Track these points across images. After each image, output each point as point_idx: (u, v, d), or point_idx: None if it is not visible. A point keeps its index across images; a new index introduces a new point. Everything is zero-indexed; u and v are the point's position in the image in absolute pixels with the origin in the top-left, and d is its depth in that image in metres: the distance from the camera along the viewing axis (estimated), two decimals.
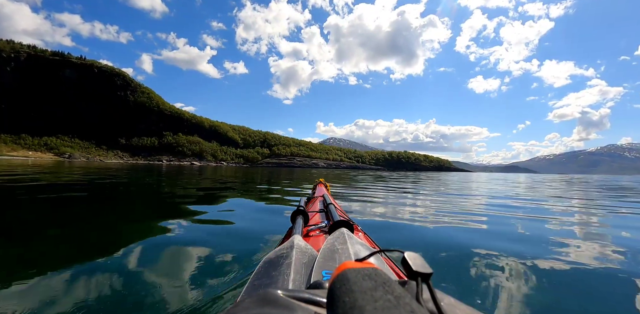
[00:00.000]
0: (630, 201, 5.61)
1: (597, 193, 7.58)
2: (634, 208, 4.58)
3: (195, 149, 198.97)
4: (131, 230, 2.46)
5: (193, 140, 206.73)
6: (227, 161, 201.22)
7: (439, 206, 4.41)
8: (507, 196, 6.02)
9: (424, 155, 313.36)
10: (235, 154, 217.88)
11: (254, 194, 5.47)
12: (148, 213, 3.31)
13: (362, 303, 0.21)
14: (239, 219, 2.94)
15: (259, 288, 0.55)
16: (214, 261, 1.73)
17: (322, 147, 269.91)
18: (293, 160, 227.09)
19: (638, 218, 3.69)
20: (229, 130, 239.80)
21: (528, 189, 8.58)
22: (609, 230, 2.93)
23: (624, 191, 8.82)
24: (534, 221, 3.26)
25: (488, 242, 2.29)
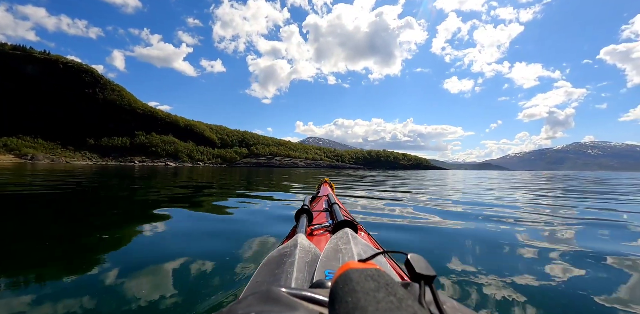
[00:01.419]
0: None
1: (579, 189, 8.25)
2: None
3: (169, 149, 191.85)
4: (108, 239, 2.25)
5: (167, 139, 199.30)
6: (204, 162, 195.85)
7: (436, 206, 4.36)
8: (515, 199, 5.76)
9: (403, 154, 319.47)
10: (213, 154, 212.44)
11: (230, 196, 5.09)
12: (116, 219, 3.14)
13: (365, 304, 0.21)
14: (217, 221, 2.93)
15: (262, 285, 0.55)
16: (210, 263, 1.70)
17: (301, 147, 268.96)
18: (272, 159, 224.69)
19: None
20: (205, 129, 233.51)
21: (521, 188, 8.50)
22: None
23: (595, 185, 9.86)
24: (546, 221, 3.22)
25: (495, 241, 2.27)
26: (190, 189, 6.43)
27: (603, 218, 3.45)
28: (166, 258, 1.77)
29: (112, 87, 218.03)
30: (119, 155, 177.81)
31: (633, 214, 3.82)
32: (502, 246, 2.15)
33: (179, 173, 18.50)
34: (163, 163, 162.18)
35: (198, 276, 1.51)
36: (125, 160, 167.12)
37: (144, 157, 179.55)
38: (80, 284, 1.38)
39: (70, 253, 1.90)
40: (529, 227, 2.90)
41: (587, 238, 2.43)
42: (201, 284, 1.41)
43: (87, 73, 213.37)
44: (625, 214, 3.81)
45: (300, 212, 1.17)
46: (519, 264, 1.77)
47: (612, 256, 1.91)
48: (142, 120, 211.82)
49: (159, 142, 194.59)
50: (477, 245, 2.22)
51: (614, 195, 6.60)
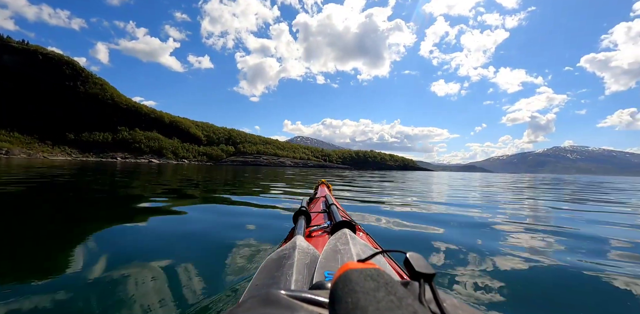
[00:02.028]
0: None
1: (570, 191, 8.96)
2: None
3: (154, 146, 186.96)
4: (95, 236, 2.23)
5: (152, 136, 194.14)
6: (189, 159, 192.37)
7: (432, 207, 4.52)
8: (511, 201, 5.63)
9: (390, 155, 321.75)
10: (198, 151, 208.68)
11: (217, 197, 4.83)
12: (99, 215, 3.16)
13: (365, 304, 0.21)
14: (204, 222, 2.87)
15: (261, 288, 0.54)
16: (209, 266, 1.68)
17: (289, 145, 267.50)
18: (259, 158, 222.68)
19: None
20: (191, 126, 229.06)
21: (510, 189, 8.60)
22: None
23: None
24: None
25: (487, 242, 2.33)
26: (180, 186, 6.12)
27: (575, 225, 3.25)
28: (162, 261, 1.75)
29: (94, 81, 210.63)
30: (100, 151, 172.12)
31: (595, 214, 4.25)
32: (501, 245, 2.17)
33: (163, 170, 18.01)
34: (146, 159, 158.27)
35: (197, 280, 1.48)
36: (107, 156, 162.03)
37: (127, 154, 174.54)
38: (65, 289, 1.33)
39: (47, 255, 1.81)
40: (523, 227, 3.04)
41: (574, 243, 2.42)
42: (200, 288, 1.39)
43: (68, 65, 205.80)
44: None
45: (298, 214, 1.17)
46: (516, 262, 1.80)
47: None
48: (125, 115, 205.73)
49: (143, 138, 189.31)
50: (475, 245, 2.22)
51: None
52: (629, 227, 3.24)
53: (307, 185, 8.61)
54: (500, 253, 2.01)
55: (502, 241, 2.37)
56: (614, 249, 2.29)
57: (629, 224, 3.45)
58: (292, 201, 4.60)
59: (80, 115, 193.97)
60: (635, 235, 2.85)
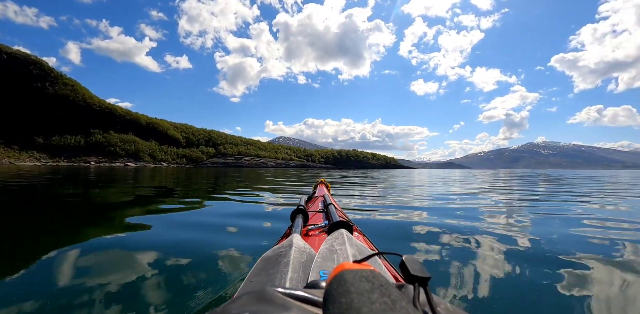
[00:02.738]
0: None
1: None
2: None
3: (130, 149, 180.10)
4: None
5: (127, 138, 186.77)
6: (168, 162, 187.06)
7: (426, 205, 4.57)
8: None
9: (372, 153, 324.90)
10: (177, 154, 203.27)
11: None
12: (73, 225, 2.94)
13: (359, 305, 0.21)
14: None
15: (256, 285, 0.54)
16: (204, 262, 1.70)
17: (271, 146, 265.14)
18: (241, 159, 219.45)
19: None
20: (169, 127, 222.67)
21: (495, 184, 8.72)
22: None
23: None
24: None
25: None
26: (163, 189, 5.67)
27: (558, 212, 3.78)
28: (156, 255, 1.75)
29: (64, 81, 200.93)
30: (72, 155, 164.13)
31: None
32: (498, 249, 2.10)
33: (140, 174, 17.42)
34: (122, 163, 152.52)
35: (191, 275, 1.48)
36: (80, 161, 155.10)
37: (101, 157, 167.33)
38: (59, 287, 1.33)
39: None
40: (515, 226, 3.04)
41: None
42: (194, 283, 1.38)
43: (35, 65, 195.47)
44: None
45: (296, 212, 1.17)
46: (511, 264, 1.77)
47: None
48: (98, 117, 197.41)
49: (118, 141, 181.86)
50: (471, 246, 2.22)
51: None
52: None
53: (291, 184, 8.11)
54: (502, 257, 1.93)
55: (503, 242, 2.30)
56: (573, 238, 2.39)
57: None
58: (288, 200, 4.59)
59: (49, 117, 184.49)
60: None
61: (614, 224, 3.04)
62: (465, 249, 2.12)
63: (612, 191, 7.40)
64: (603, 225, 3.01)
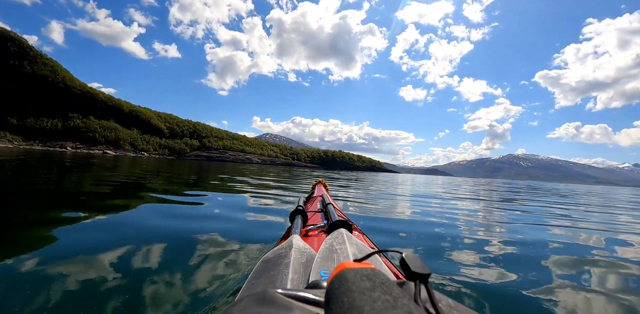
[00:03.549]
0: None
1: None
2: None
3: (110, 136, 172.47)
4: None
5: (108, 125, 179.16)
6: (149, 152, 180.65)
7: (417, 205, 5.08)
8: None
9: (358, 156, 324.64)
10: (160, 144, 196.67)
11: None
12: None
13: (360, 303, 0.21)
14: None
15: (257, 287, 0.54)
16: (204, 264, 1.67)
17: (257, 142, 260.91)
18: (225, 154, 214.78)
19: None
20: (153, 117, 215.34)
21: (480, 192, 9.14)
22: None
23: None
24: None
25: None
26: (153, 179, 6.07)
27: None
28: (158, 258, 1.73)
29: (44, 61, 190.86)
30: (47, 139, 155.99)
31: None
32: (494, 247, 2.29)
33: (120, 162, 16.95)
34: (101, 150, 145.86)
35: (190, 279, 1.47)
36: (55, 145, 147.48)
37: (79, 143, 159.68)
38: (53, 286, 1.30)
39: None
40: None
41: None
42: (194, 287, 1.37)
43: (13, 42, 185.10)
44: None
45: (295, 213, 1.16)
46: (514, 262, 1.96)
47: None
48: (78, 101, 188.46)
49: (98, 127, 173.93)
50: (468, 245, 2.30)
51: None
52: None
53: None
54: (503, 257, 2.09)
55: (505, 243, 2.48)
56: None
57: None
58: (286, 200, 4.68)
59: (25, 98, 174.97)
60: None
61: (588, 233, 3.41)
62: (465, 246, 2.24)
63: (590, 203, 8.22)
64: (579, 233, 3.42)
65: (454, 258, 1.98)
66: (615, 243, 2.95)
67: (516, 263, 2.02)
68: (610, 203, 8.97)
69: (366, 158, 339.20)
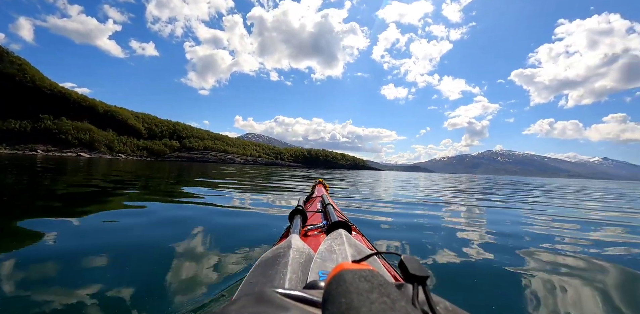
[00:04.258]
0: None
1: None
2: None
3: (84, 138, 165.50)
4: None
5: (82, 126, 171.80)
6: (127, 154, 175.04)
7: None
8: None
9: (341, 154, 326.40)
10: (138, 145, 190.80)
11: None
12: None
13: (358, 305, 0.21)
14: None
15: (255, 286, 0.54)
16: (202, 263, 1.68)
17: (239, 142, 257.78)
18: (207, 154, 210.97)
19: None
20: (130, 117, 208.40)
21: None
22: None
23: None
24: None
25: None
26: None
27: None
28: (156, 256, 1.73)
29: (10, 59, 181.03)
30: (16, 142, 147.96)
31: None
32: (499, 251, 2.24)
33: (95, 165, 16.21)
34: (75, 153, 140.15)
35: (190, 276, 1.47)
36: (25, 148, 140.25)
37: (50, 146, 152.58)
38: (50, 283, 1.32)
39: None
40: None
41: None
42: (193, 285, 1.37)
43: None
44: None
45: (295, 213, 1.17)
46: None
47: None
48: (49, 101, 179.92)
49: (71, 129, 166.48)
50: (461, 247, 2.32)
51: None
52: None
53: None
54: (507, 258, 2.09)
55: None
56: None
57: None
58: (283, 200, 4.71)
59: None
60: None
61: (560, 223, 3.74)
62: (466, 247, 2.26)
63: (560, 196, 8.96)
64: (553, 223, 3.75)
65: (436, 248, 2.10)
66: (587, 230, 3.34)
67: (496, 251, 2.18)
68: (584, 196, 9.52)
69: (350, 156, 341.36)
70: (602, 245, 2.61)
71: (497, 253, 2.06)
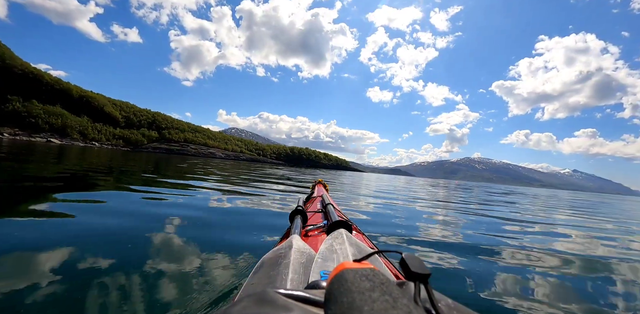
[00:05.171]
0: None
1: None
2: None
3: (55, 123, 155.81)
4: None
5: (54, 111, 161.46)
6: (101, 142, 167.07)
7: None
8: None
9: (324, 154, 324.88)
10: (114, 134, 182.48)
11: None
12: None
13: (360, 304, 0.21)
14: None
15: (257, 287, 0.54)
16: (204, 265, 1.67)
17: (221, 136, 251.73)
18: (187, 147, 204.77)
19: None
20: (107, 104, 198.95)
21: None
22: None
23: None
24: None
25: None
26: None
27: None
28: (158, 258, 1.72)
29: None
30: None
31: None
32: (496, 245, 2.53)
33: (68, 152, 15.73)
34: (44, 139, 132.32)
35: (191, 278, 1.47)
36: None
37: (18, 130, 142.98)
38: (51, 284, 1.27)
39: None
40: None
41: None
42: (193, 287, 1.37)
43: None
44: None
45: (295, 213, 1.16)
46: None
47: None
48: (19, 82, 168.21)
49: (41, 113, 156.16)
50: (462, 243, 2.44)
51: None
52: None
53: None
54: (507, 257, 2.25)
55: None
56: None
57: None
58: (286, 201, 4.68)
59: None
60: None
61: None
62: (464, 244, 2.38)
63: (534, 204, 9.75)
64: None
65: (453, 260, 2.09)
66: (556, 235, 3.65)
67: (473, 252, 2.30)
68: (555, 204, 10.71)
69: (332, 156, 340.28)
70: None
71: (498, 252, 2.12)
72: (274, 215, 3.28)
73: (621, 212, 9.52)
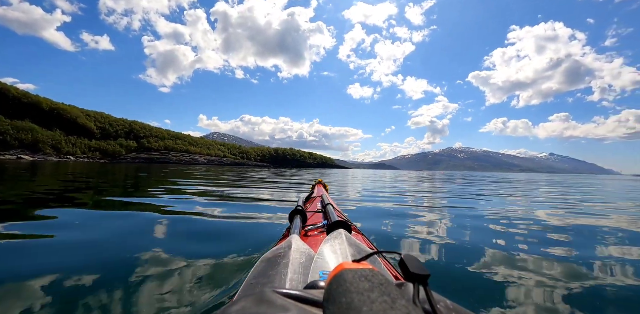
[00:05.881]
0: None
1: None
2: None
3: (25, 138, 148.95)
4: None
5: (23, 125, 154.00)
6: (77, 155, 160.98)
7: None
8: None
9: (309, 153, 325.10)
10: (89, 146, 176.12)
11: None
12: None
13: (359, 304, 0.21)
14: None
15: (256, 287, 0.54)
16: (203, 264, 1.67)
17: (202, 141, 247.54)
18: (168, 155, 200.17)
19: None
20: (80, 115, 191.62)
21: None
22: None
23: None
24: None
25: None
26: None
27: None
28: (156, 259, 1.73)
29: None
30: None
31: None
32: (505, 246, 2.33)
33: (41, 168, 14.95)
34: (14, 156, 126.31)
35: (190, 278, 1.47)
36: None
37: None
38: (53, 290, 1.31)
39: None
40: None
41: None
42: (194, 286, 1.37)
43: None
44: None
45: (294, 213, 1.16)
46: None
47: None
48: None
49: (9, 129, 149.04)
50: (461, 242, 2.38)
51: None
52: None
53: None
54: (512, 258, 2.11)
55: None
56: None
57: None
58: (285, 201, 4.72)
59: None
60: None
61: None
62: (463, 244, 2.33)
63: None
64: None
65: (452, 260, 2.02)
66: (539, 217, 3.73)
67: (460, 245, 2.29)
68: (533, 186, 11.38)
69: (317, 155, 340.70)
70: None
71: (497, 252, 2.11)
72: (267, 218, 3.24)
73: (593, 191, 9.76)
